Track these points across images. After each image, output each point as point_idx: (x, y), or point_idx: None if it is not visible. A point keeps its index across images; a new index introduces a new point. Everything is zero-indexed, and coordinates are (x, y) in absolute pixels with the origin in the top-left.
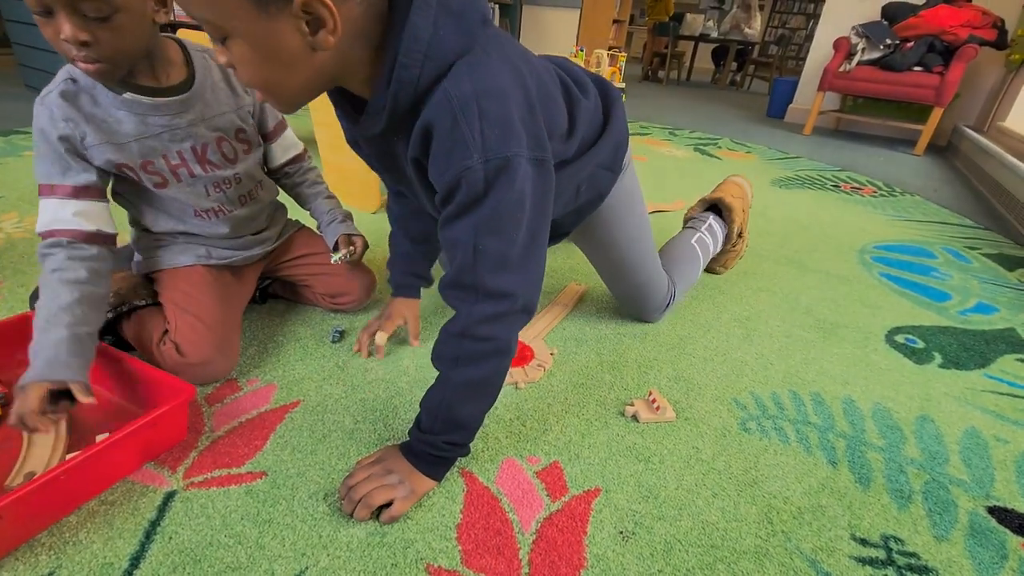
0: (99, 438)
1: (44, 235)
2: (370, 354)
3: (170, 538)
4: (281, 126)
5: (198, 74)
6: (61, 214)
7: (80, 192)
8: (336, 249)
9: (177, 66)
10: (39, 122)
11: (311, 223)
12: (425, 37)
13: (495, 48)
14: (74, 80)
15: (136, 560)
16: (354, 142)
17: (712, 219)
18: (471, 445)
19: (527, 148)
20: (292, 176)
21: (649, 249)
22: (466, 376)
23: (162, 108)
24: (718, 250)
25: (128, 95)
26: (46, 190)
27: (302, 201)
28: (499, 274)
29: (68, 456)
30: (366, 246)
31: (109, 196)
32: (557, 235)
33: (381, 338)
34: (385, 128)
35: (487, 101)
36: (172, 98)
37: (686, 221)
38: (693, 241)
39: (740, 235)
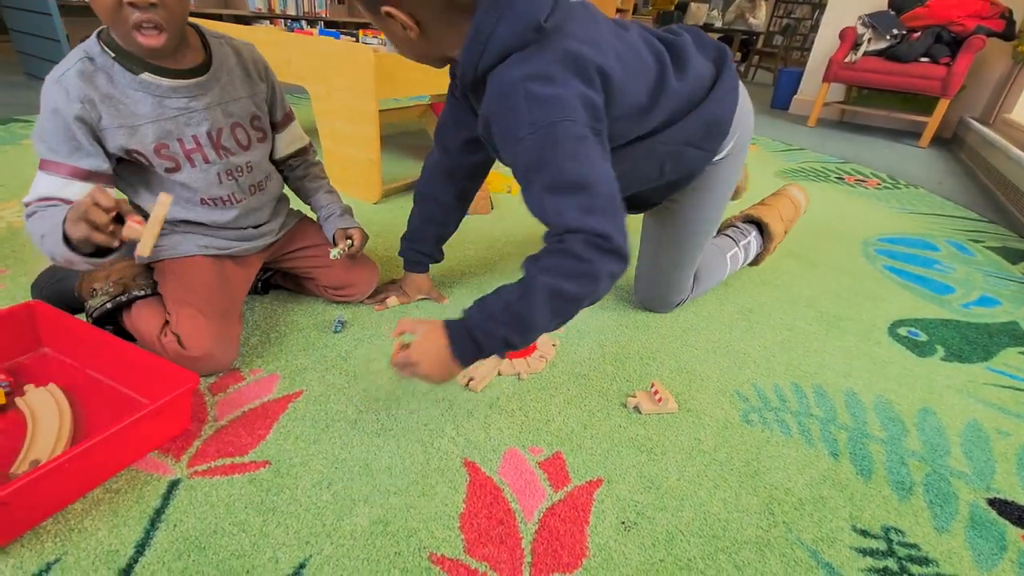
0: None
1: (35, 201)
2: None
3: (175, 526)
4: (288, 117)
5: (215, 59)
6: (64, 192)
7: (90, 176)
8: (334, 244)
9: (194, 50)
10: (54, 102)
11: (313, 215)
12: (486, 32)
13: (551, 45)
14: (91, 59)
15: (141, 547)
16: (458, 95)
17: (753, 237)
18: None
19: (575, 118)
20: (296, 169)
21: (702, 247)
22: (554, 286)
23: (180, 90)
24: (746, 264)
25: (146, 75)
26: (50, 166)
27: (304, 195)
28: (587, 218)
29: (72, 444)
30: (365, 238)
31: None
32: (646, 205)
33: (393, 301)
34: (462, 92)
35: (532, 84)
36: (189, 80)
37: (727, 226)
38: (728, 255)
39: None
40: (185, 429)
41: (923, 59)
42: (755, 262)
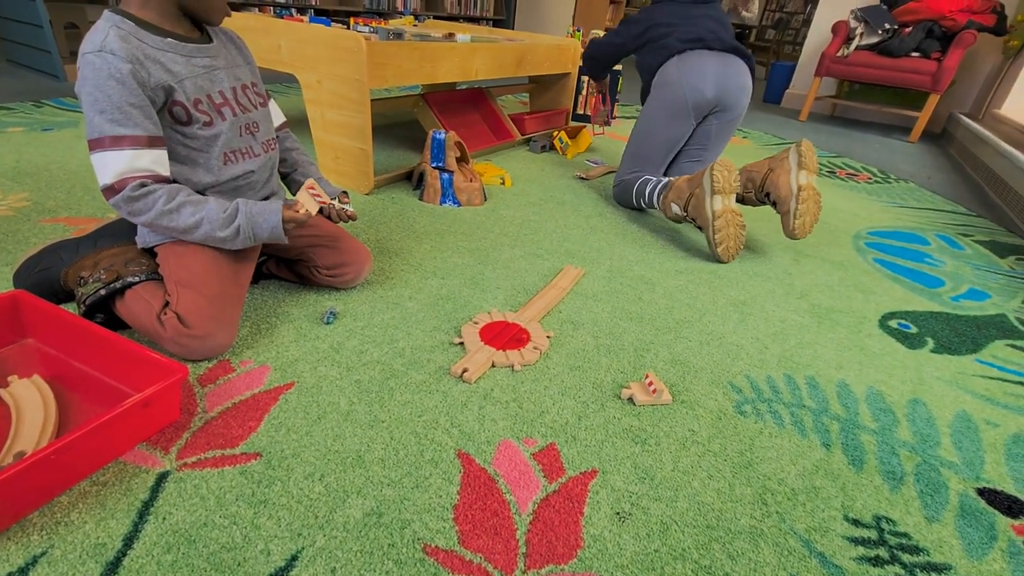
0: None
1: (117, 185)
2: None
3: (164, 519)
4: (268, 95)
5: (212, 33)
6: (137, 164)
7: (155, 141)
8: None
9: (196, 28)
10: (107, 68)
11: None
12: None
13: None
14: (118, 27)
15: (129, 540)
16: None
17: (665, 180)
18: None
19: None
20: (283, 141)
21: (637, 143)
22: None
23: (202, 51)
24: (647, 201)
25: (170, 39)
26: (110, 142)
27: (291, 166)
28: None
29: (58, 436)
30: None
31: None
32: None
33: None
34: None
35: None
36: (204, 45)
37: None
38: (641, 177)
39: (691, 216)
40: (174, 421)
41: (914, 54)
42: (664, 211)
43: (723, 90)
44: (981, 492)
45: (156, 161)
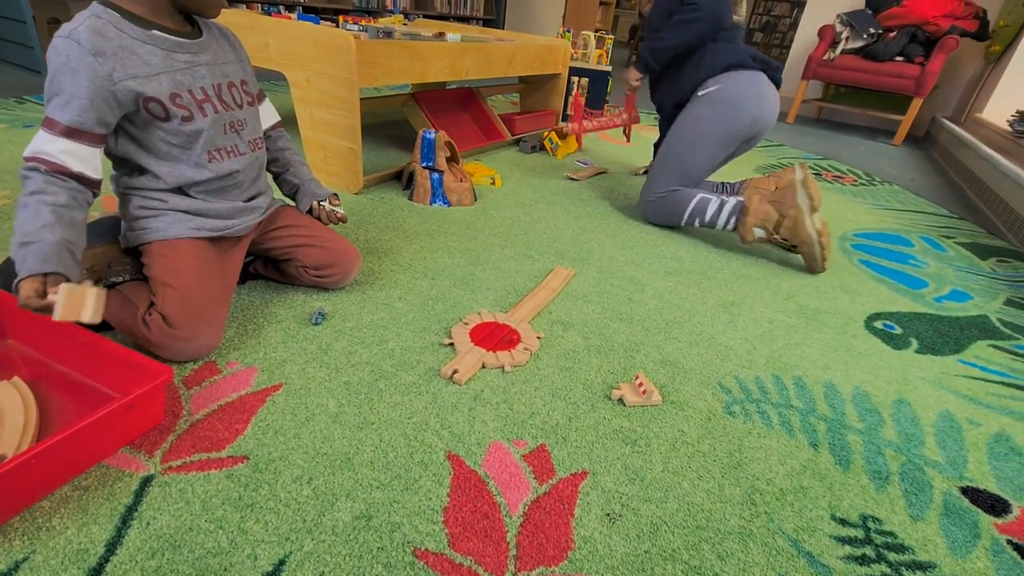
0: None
1: (28, 159)
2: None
3: (148, 523)
4: (262, 94)
5: (203, 28)
6: (47, 147)
7: (76, 134)
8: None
9: (187, 22)
10: (64, 57)
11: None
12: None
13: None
14: (99, 16)
15: (112, 546)
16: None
17: (736, 201)
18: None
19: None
20: (276, 141)
21: (675, 159)
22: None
23: (185, 46)
24: (722, 226)
25: (155, 31)
26: (46, 122)
27: (283, 164)
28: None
29: (39, 440)
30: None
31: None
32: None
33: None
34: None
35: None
36: (191, 40)
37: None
38: (699, 193)
39: (784, 239)
40: (159, 424)
41: (898, 58)
42: (741, 239)
43: (770, 123)
44: (964, 491)
45: (67, 151)
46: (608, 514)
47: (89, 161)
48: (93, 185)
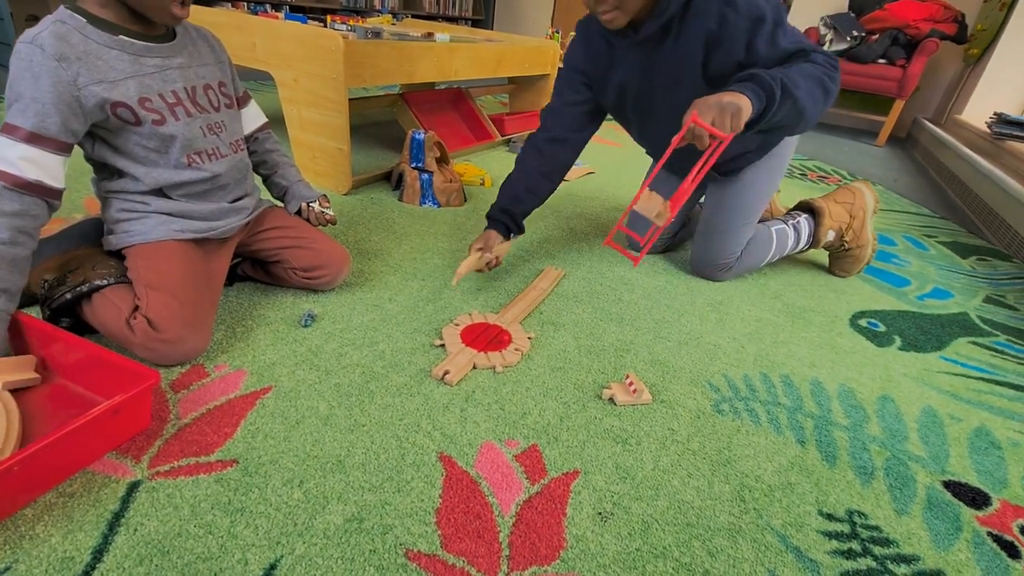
0: None
1: None
2: (489, 267)
3: (135, 530)
4: (247, 97)
5: (178, 31)
6: (8, 153)
7: (38, 139)
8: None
9: (158, 26)
10: (27, 62)
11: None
12: None
13: None
14: (64, 22)
15: (99, 553)
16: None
17: (803, 218)
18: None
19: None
20: (264, 143)
21: (752, 212)
22: (820, 78)
23: (154, 50)
24: (801, 247)
25: (122, 36)
26: (6, 128)
27: (270, 167)
28: (819, 51)
29: (22, 446)
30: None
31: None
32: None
33: (492, 254)
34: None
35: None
36: (162, 44)
37: (783, 214)
38: (774, 228)
39: (848, 240)
40: (145, 428)
41: (881, 60)
42: (815, 243)
43: None
44: (947, 485)
45: (26, 158)
46: (600, 513)
47: (50, 169)
48: (52, 195)
